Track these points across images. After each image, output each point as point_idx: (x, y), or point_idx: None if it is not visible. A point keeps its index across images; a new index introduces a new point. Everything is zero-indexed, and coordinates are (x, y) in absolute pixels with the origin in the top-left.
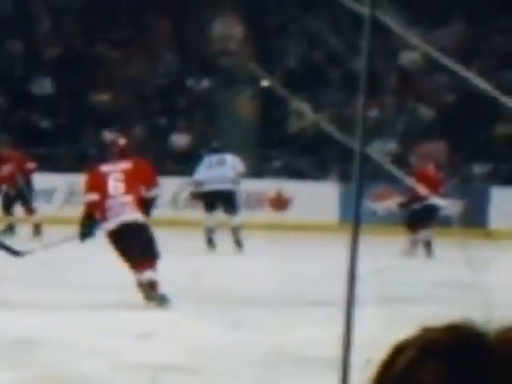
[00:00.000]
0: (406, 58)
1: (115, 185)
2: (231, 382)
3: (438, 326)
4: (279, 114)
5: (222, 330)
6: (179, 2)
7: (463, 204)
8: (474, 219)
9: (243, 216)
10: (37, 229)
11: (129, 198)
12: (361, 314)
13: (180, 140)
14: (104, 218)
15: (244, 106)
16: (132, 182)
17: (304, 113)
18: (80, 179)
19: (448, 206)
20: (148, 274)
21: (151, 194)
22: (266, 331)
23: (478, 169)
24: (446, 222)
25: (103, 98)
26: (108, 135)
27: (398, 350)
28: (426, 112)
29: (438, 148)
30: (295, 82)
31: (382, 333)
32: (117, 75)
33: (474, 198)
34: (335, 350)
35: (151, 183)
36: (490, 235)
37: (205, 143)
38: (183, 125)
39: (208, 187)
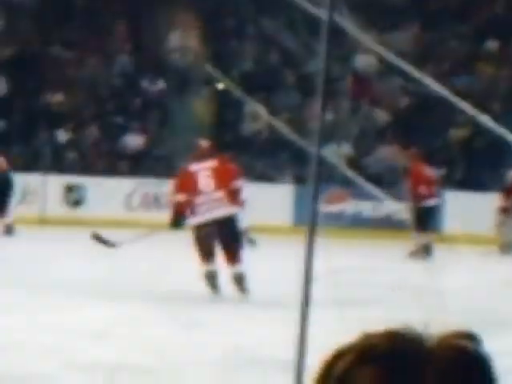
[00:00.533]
0: (362, 61)
1: (206, 182)
2: (186, 382)
3: (378, 332)
4: (234, 116)
5: (178, 329)
6: (135, 3)
7: None
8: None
9: None
10: (8, 229)
11: (220, 194)
12: (315, 315)
13: (134, 141)
14: (194, 214)
15: (199, 107)
16: (221, 178)
17: (259, 115)
18: (34, 179)
19: (403, 209)
20: (239, 268)
21: (237, 185)
22: (222, 332)
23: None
24: (402, 226)
25: (58, 98)
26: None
27: (338, 355)
28: (380, 115)
29: (393, 151)
30: (251, 84)
31: (335, 335)
32: (71, 75)
33: None
34: (290, 351)
35: (237, 176)
36: (444, 239)
37: (159, 144)
38: (137, 126)
39: None
